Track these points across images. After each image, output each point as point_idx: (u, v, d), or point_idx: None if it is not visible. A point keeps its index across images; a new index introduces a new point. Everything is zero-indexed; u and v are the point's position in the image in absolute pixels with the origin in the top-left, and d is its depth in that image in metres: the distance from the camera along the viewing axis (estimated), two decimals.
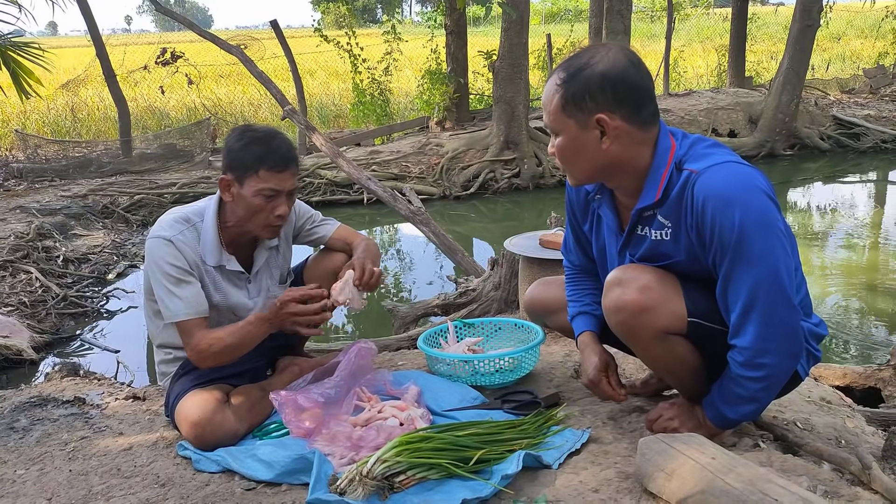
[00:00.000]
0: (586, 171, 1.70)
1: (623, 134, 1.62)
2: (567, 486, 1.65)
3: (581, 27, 16.78)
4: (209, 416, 1.94)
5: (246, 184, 2.02)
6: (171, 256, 2.02)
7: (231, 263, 2.14)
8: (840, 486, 1.55)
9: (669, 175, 1.63)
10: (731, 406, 1.66)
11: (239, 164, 2.03)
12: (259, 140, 2.03)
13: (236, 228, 2.11)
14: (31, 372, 4.00)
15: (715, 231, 1.55)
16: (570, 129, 1.64)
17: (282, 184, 2.02)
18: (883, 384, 2.76)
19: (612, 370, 1.93)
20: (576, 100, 1.61)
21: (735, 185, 1.54)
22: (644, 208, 1.69)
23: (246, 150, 2.02)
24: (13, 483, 1.86)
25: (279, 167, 2.01)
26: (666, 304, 1.65)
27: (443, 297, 3.81)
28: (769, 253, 1.53)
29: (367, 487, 1.60)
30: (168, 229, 2.05)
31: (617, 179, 1.72)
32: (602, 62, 1.60)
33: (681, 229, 1.64)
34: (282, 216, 2.05)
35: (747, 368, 1.59)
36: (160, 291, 2.02)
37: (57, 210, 6.86)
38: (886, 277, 5.37)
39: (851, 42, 21.65)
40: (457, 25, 10.16)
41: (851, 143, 10.47)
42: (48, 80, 9.31)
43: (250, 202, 2.03)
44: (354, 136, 10.06)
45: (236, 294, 2.16)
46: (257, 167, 2.00)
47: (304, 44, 16.25)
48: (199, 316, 2.02)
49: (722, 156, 1.60)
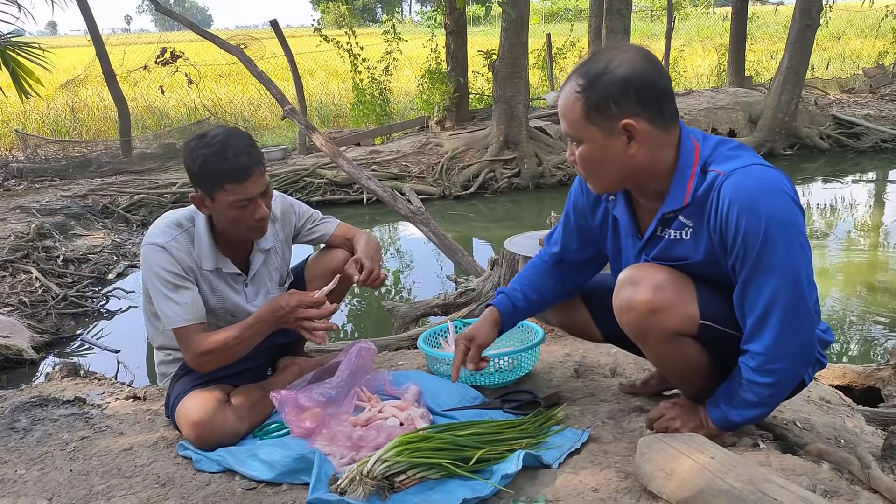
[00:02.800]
0: (613, 178, 1.66)
1: (649, 137, 1.59)
2: (567, 486, 1.65)
3: (581, 26, 16.77)
4: (209, 417, 1.94)
5: (217, 199, 1.97)
6: (165, 262, 2.01)
7: (227, 266, 2.13)
8: (839, 485, 1.55)
9: (697, 177, 1.60)
10: (738, 409, 1.65)
11: (202, 183, 1.97)
12: (214, 155, 1.93)
13: (228, 234, 2.11)
14: (31, 372, 4.01)
15: (739, 234, 1.52)
16: (594, 137, 1.60)
17: (250, 190, 1.96)
18: (882, 383, 2.77)
19: (476, 346, 2.02)
20: (599, 106, 1.57)
21: (762, 190, 1.51)
22: (669, 212, 1.65)
23: (204, 169, 1.94)
24: (14, 483, 1.86)
25: (241, 178, 1.94)
26: (678, 305, 1.63)
27: (443, 297, 3.81)
28: (792, 260, 1.51)
29: (367, 487, 1.60)
30: (161, 235, 2.03)
31: (642, 184, 1.68)
32: (622, 65, 1.56)
33: (702, 230, 1.61)
34: (262, 218, 2.03)
35: (759, 374, 1.58)
36: (157, 298, 2.02)
37: (57, 210, 6.87)
38: (886, 277, 5.38)
39: (851, 41, 21.64)
40: (457, 25, 10.15)
41: (851, 142, 10.46)
42: (48, 80, 9.31)
43: (226, 214, 2.00)
44: (354, 136, 10.06)
45: (234, 297, 2.16)
46: (221, 182, 1.94)
47: (303, 43, 16.24)
48: (197, 322, 2.02)
49: (748, 158, 1.57)
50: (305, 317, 2.00)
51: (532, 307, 2.09)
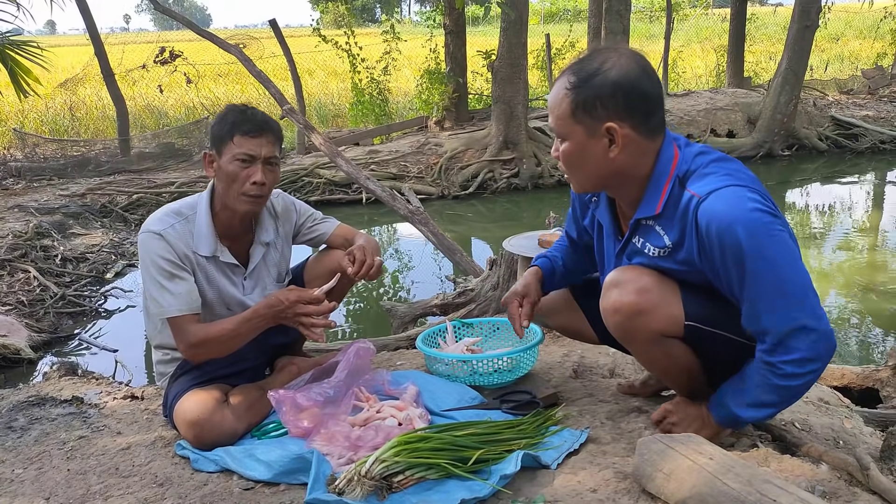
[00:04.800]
0: (591, 179, 1.70)
1: (631, 143, 1.61)
2: (565, 487, 1.65)
3: (580, 27, 16.75)
4: (208, 416, 1.94)
5: (224, 153, 2.04)
6: (161, 250, 2.01)
7: (225, 255, 2.13)
8: (838, 486, 1.55)
9: (671, 188, 1.62)
10: (752, 409, 1.63)
11: (217, 137, 2.06)
12: (234, 110, 2.08)
13: (225, 212, 2.11)
14: (29, 371, 4.00)
15: (726, 255, 1.53)
16: (577, 135, 1.63)
17: (256, 149, 2.03)
18: (881, 385, 2.77)
19: (529, 301, 2.06)
20: (586, 106, 1.59)
21: (735, 209, 1.51)
22: (642, 218, 1.68)
23: (222, 123, 2.06)
24: (11, 482, 1.85)
25: (253, 132, 2.03)
26: (663, 306, 1.65)
27: (441, 297, 3.81)
28: (787, 266, 1.51)
29: (365, 487, 1.60)
30: (157, 223, 2.05)
31: (618, 188, 1.71)
32: (615, 69, 1.57)
33: (682, 251, 1.63)
34: (258, 183, 2.04)
35: (790, 378, 1.54)
36: (151, 287, 2.01)
37: (55, 209, 6.85)
38: (884, 278, 5.38)
39: (850, 43, 21.67)
40: (456, 25, 10.15)
41: (849, 143, 10.47)
42: (46, 79, 9.27)
43: (227, 170, 2.03)
44: (353, 136, 10.05)
45: (230, 288, 2.15)
46: (232, 134, 2.03)
47: (302, 43, 16.22)
48: (192, 312, 2.01)
49: (723, 178, 1.57)
50: (304, 313, 1.99)
51: (568, 275, 2.14)
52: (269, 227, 2.23)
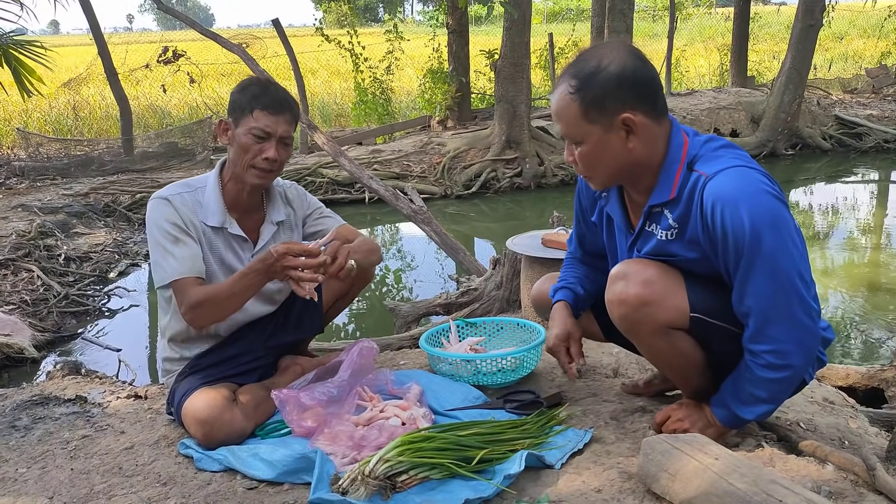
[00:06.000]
0: (611, 174, 1.70)
1: (646, 130, 1.63)
2: (569, 487, 1.64)
3: (583, 26, 16.73)
4: (218, 415, 1.93)
5: (241, 124, 2.06)
6: (167, 214, 2.04)
7: (233, 227, 2.13)
8: (844, 486, 1.55)
9: (683, 173, 1.64)
10: (748, 406, 1.66)
11: (236, 106, 2.08)
12: (257, 83, 2.11)
13: (234, 184, 2.12)
14: (32, 370, 4.01)
15: (727, 237, 1.55)
16: (594, 135, 1.63)
17: (274, 126, 2.05)
18: (886, 384, 2.75)
19: (574, 340, 1.98)
20: (596, 104, 1.60)
21: (744, 191, 1.53)
22: (656, 205, 1.68)
23: (243, 93, 2.08)
24: (15, 482, 1.85)
25: (273, 109, 2.05)
26: (668, 298, 1.65)
27: (445, 297, 3.81)
28: (785, 256, 1.53)
29: (369, 487, 1.59)
30: (166, 191, 2.09)
31: (636, 178, 1.71)
32: (613, 63, 1.59)
33: (689, 230, 1.64)
34: (269, 159, 2.06)
35: (771, 370, 1.58)
36: (156, 253, 2.03)
37: (58, 208, 6.86)
38: (889, 277, 5.36)
39: (854, 42, 21.60)
40: (458, 24, 10.15)
41: (854, 142, 10.45)
42: (50, 79, 9.29)
43: (242, 141, 2.05)
44: (356, 135, 10.05)
45: (235, 261, 2.14)
46: (252, 107, 2.05)
47: (305, 42, 16.22)
48: (194, 275, 2.01)
49: (732, 159, 1.60)
50: (292, 265, 1.92)
51: (588, 296, 2.07)
52: (280, 209, 2.25)
